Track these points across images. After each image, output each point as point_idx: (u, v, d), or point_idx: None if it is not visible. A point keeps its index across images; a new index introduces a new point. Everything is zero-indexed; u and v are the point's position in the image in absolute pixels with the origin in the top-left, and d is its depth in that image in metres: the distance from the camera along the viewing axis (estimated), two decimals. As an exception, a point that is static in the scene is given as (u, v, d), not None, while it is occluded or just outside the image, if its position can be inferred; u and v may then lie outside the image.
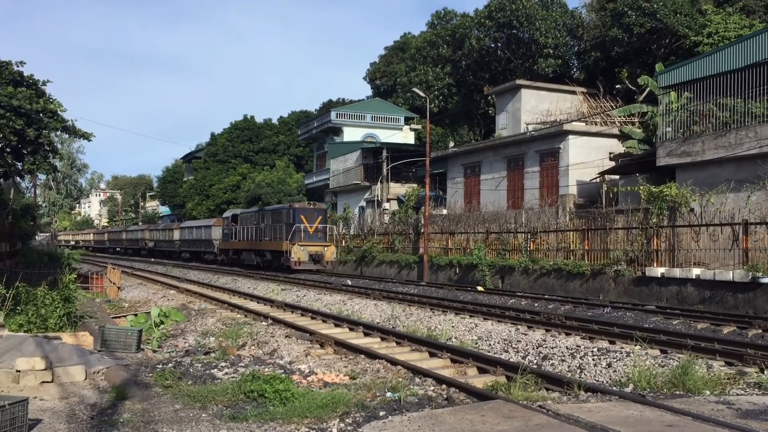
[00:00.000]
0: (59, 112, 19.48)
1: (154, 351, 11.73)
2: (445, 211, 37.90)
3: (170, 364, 10.30)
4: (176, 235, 56.73)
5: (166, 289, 26.76)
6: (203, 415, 7.24)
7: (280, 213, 36.05)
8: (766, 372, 9.03)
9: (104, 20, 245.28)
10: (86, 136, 20.45)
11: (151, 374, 9.41)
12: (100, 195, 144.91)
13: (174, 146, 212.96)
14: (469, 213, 34.18)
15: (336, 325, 15.36)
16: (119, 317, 16.37)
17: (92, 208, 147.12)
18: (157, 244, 61.78)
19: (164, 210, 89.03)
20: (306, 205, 36.11)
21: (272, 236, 36.27)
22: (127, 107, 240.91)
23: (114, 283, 23.55)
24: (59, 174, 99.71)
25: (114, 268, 25.51)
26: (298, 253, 33.05)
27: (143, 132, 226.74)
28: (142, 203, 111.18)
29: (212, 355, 11.35)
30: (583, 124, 33.23)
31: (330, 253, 34.34)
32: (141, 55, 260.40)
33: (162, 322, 14.55)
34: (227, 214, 46.11)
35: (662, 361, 9.97)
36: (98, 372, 9.20)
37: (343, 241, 40.64)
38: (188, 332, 14.50)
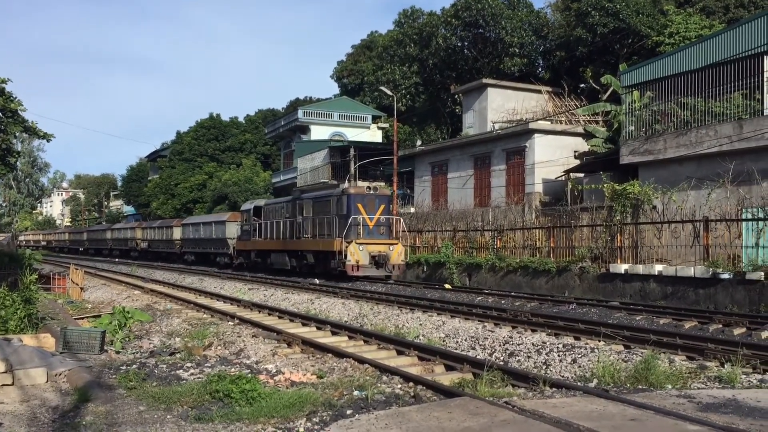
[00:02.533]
0: (20, 112, 19.09)
1: (118, 352, 11.57)
2: (412, 210, 38.03)
3: (134, 366, 10.17)
4: (177, 233, 48.02)
5: (131, 289, 26.39)
6: (168, 416, 7.16)
7: (327, 202, 28.12)
8: (726, 366, 9.22)
9: (68, 18, 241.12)
10: (46, 137, 20.05)
11: (114, 376, 9.28)
12: (62, 194, 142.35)
13: (139, 145, 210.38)
14: (437, 211, 34.34)
15: (303, 324, 15.30)
16: (82, 318, 16.11)
17: (54, 207, 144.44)
18: (152, 245, 53.35)
19: (128, 209, 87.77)
20: (364, 190, 27.64)
21: (316, 232, 28.52)
22: (91, 106, 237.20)
23: (77, 284, 23.15)
24: (20, 173, 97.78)
25: (77, 269, 25.08)
26: (356, 254, 25.44)
27: (107, 131, 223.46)
28: (105, 203, 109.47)
29: (178, 355, 11.23)
30: (549, 122, 33.59)
31: (397, 253, 26.41)
32: (106, 53, 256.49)
33: (126, 323, 14.34)
34: (247, 206, 37.18)
35: (626, 357, 10.12)
36: (60, 374, 9.04)
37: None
38: (153, 333, 14.33)
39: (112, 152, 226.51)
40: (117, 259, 53.72)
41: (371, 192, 27.28)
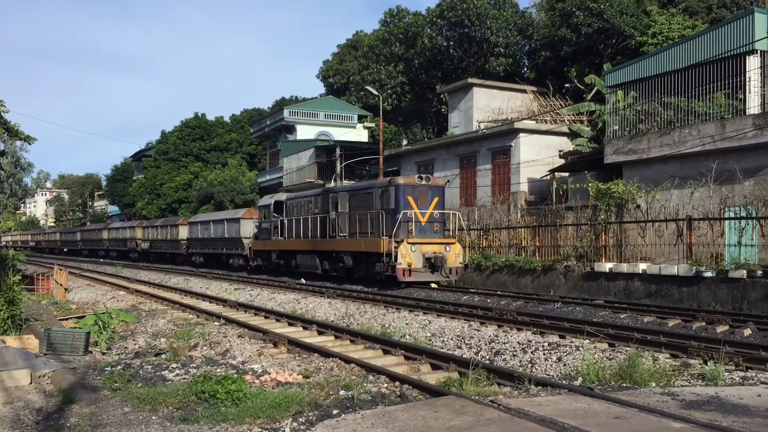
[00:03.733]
0: (1, 113, 18.86)
1: (103, 353, 11.49)
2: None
3: (119, 367, 10.11)
4: (183, 232, 44.07)
5: (116, 290, 26.23)
6: (153, 417, 7.13)
7: (369, 194, 24.16)
8: (709, 364, 9.30)
9: (52, 16, 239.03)
10: (27, 140, 19.77)
11: (99, 377, 9.23)
12: (46, 194, 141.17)
13: (123, 144, 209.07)
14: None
15: (290, 324, 15.27)
16: (66, 319, 16.00)
17: (38, 208, 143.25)
18: (154, 245, 49.33)
19: (113, 209, 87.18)
20: (414, 180, 23.34)
21: (355, 230, 24.64)
22: (75, 104, 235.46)
23: (61, 285, 22.99)
24: (3, 173, 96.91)
25: (61, 269, 24.90)
26: (408, 256, 21.65)
27: (91, 130, 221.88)
28: (90, 203, 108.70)
29: (163, 356, 11.17)
30: (534, 122, 33.73)
31: (455, 255, 22.56)
32: (90, 51, 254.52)
33: (110, 324, 14.25)
34: (265, 201, 33.58)
35: (610, 355, 10.19)
36: (44, 376, 8.98)
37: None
38: (138, 334, 14.25)
39: (96, 152, 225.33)
40: (115, 262, 50.32)
41: (423, 182, 23.16)
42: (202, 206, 55.04)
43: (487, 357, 11.39)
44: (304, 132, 53.90)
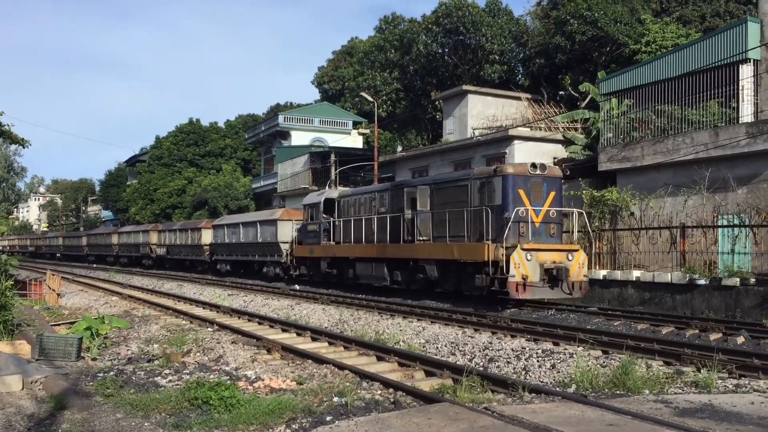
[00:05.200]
0: (-5, 118, 18.81)
1: (95, 359, 11.45)
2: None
3: (112, 373, 10.08)
4: (206, 237, 39.68)
5: (109, 295, 26.14)
6: (146, 423, 7.11)
7: (463, 188, 19.47)
8: (702, 371, 9.32)
9: (44, 19, 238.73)
10: (22, 143, 19.73)
11: (91, 383, 9.19)
12: (39, 199, 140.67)
13: (117, 149, 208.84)
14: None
15: (283, 331, 15.25)
16: (59, 325, 15.93)
17: (31, 212, 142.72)
18: (172, 251, 44.84)
19: (107, 214, 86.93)
20: (527, 169, 18.34)
21: (443, 233, 19.81)
22: (69, 109, 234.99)
23: (53, 290, 22.89)
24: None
25: (53, 274, 24.80)
26: (523, 266, 17.06)
27: (85, 134, 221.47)
28: (83, 207, 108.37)
29: (156, 362, 11.14)
30: (528, 129, 33.80)
31: (578, 265, 17.96)
32: (84, 55, 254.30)
33: (103, 330, 14.20)
34: (312, 198, 28.67)
35: (604, 362, 10.21)
36: (36, 381, 8.94)
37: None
38: (131, 339, 14.20)
39: (90, 156, 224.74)
40: (127, 270, 46.77)
41: (537, 171, 18.34)
42: (196, 212, 54.92)
43: (481, 364, 11.39)
44: (299, 138, 53.90)
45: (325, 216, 26.64)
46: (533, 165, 18.43)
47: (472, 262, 18.35)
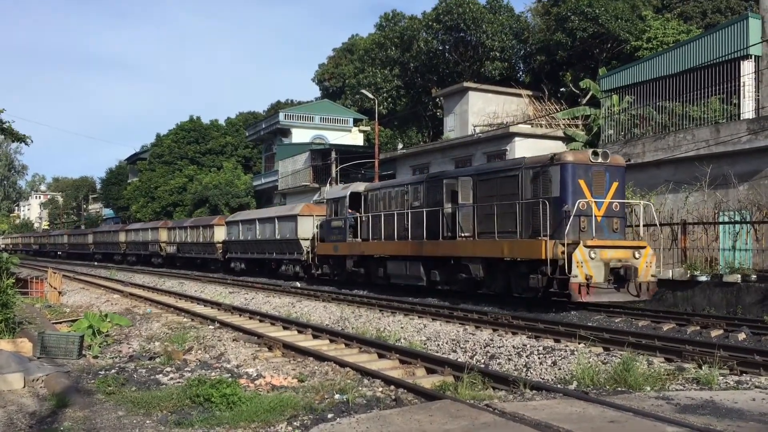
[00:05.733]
0: (-3, 115, 18.85)
1: (96, 357, 11.46)
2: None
3: (113, 370, 10.08)
4: (219, 234, 37.87)
5: (110, 293, 26.16)
6: (147, 421, 7.11)
7: (512, 177, 17.80)
8: (703, 368, 9.32)
9: (47, 18, 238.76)
10: (23, 140, 19.76)
11: (93, 381, 9.20)
12: (40, 197, 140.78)
13: (118, 147, 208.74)
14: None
15: (284, 328, 15.25)
16: (60, 323, 15.94)
17: (32, 210, 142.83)
18: (183, 249, 43.07)
19: (107, 212, 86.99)
20: (588, 157, 16.55)
21: (489, 228, 17.97)
22: (69, 107, 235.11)
23: (55, 288, 22.91)
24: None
25: (55, 272, 24.83)
26: (586, 265, 15.38)
27: (86, 133, 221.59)
28: (84, 206, 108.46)
29: (157, 360, 11.14)
30: (529, 126, 33.76)
31: (646, 263, 16.19)
32: (85, 54, 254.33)
33: (104, 328, 14.21)
34: (336, 192, 26.91)
35: (605, 359, 10.21)
36: (37, 379, 8.95)
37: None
38: (132, 337, 14.21)
39: (90, 155, 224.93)
40: (136, 268, 45.06)
41: (600, 159, 16.57)
42: (197, 210, 54.94)
43: (483, 361, 11.40)
44: (300, 135, 53.88)
45: (351, 211, 24.91)
46: (594, 152, 16.72)
47: (525, 260, 16.68)
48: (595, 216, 16.30)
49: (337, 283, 25.49)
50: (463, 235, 19.11)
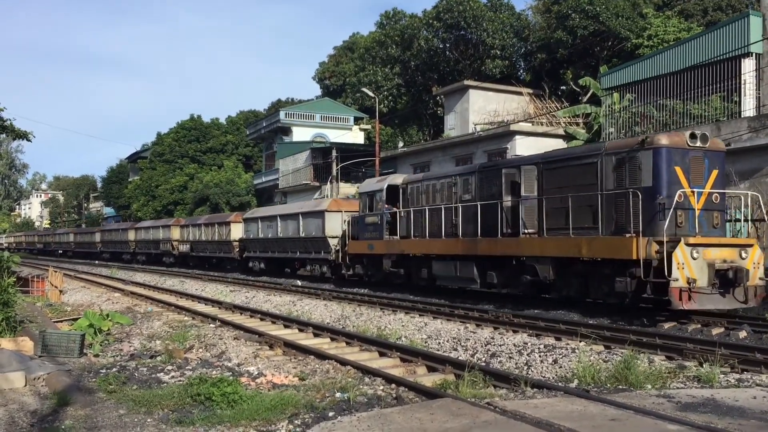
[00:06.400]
0: (-1, 113, 18.86)
1: (98, 355, 11.46)
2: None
3: (114, 369, 10.09)
4: (235, 232, 35.87)
5: (111, 291, 26.17)
6: (148, 419, 7.12)
7: (589, 165, 15.50)
8: (704, 366, 9.32)
9: (47, 18, 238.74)
10: (25, 136, 19.78)
11: (94, 379, 9.21)
12: (41, 196, 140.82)
13: (119, 146, 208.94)
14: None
15: (285, 326, 15.25)
16: (61, 321, 15.95)
17: (33, 209, 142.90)
18: (197, 248, 40.99)
19: (108, 211, 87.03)
20: (685, 139, 14.31)
21: (563, 223, 15.78)
22: (70, 106, 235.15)
23: (55, 287, 22.93)
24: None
25: (56, 271, 24.85)
26: (687, 266, 13.28)
27: (87, 131, 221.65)
28: (85, 204, 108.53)
29: (158, 358, 11.15)
30: (530, 124, 33.77)
31: (753, 263, 14.02)
32: (86, 52, 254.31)
33: (105, 326, 14.21)
34: (370, 185, 24.54)
35: (606, 357, 10.21)
36: (39, 378, 8.96)
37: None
38: (134, 336, 14.22)
39: (91, 153, 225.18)
40: (147, 268, 42.83)
41: (698, 144, 14.36)
42: (198, 208, 54.98)
43: (483, 359, 11.40)
44: (300, 134, 53.89)
45: (388, 207, 22.86)
46: (692, 135, 14.38)
47: (608, 261, 14.54)
48: (694, 209, 14.13)
49: (372, 285, 23.59)
50: (526, 231, 16.89)
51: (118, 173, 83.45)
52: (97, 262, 55.61)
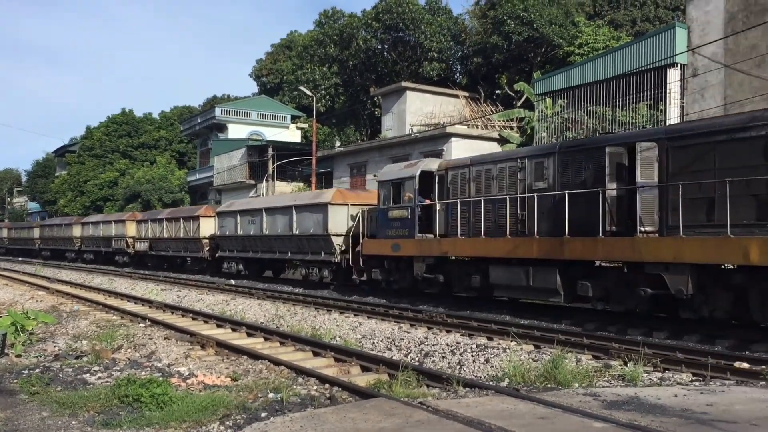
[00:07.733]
0: None
1: (20, 356, 11.05)
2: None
3: (38, 370, 9.75)
4: (206, 228, 31.60)
5: (35, 289, 25.24)
6: (73, 422, 6.91)
7: (753, 139, 11.26)
8: (628, 365, 9.63)
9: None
10: None
11: (16, 380, 8.88)
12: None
13: (45, 139, 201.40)
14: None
15: (218, 326, 15.04)
16: (-19, 321, 15.28)
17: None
18: (157, 246, 36.60)
19: (33, 206, 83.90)
20: None
21: (708, 218, 11.79)
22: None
23: (-25, 285, 21.96)
24: None
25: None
26: None
27: (11, 123, 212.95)
28: (8, 199, 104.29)
29: (84, 359, 10.82)
30: (465, 127, 34.22)
31: None
32: (12, 42, 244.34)
33: (28, 325, 13.70)
34: (396, 173, 20.07)
35: (536, 356, 10.43)
36: (-44, 380, 8.58)
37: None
38: (59, 335, 13.77)
39: (16, 146, 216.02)
40: (95, 268, 39.00)
41: None
42: (128, 204, 53.57)
43: (417, 359, 11.49)
44: (236, 131, 53.22)
45: (420, 199, 18.63)
46: None
47: None
48: None
49: (396, 295, 19.50)
50: (644, 229, 12.78)
51: (45, 167, 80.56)
52: (22, 259, 53.52)
